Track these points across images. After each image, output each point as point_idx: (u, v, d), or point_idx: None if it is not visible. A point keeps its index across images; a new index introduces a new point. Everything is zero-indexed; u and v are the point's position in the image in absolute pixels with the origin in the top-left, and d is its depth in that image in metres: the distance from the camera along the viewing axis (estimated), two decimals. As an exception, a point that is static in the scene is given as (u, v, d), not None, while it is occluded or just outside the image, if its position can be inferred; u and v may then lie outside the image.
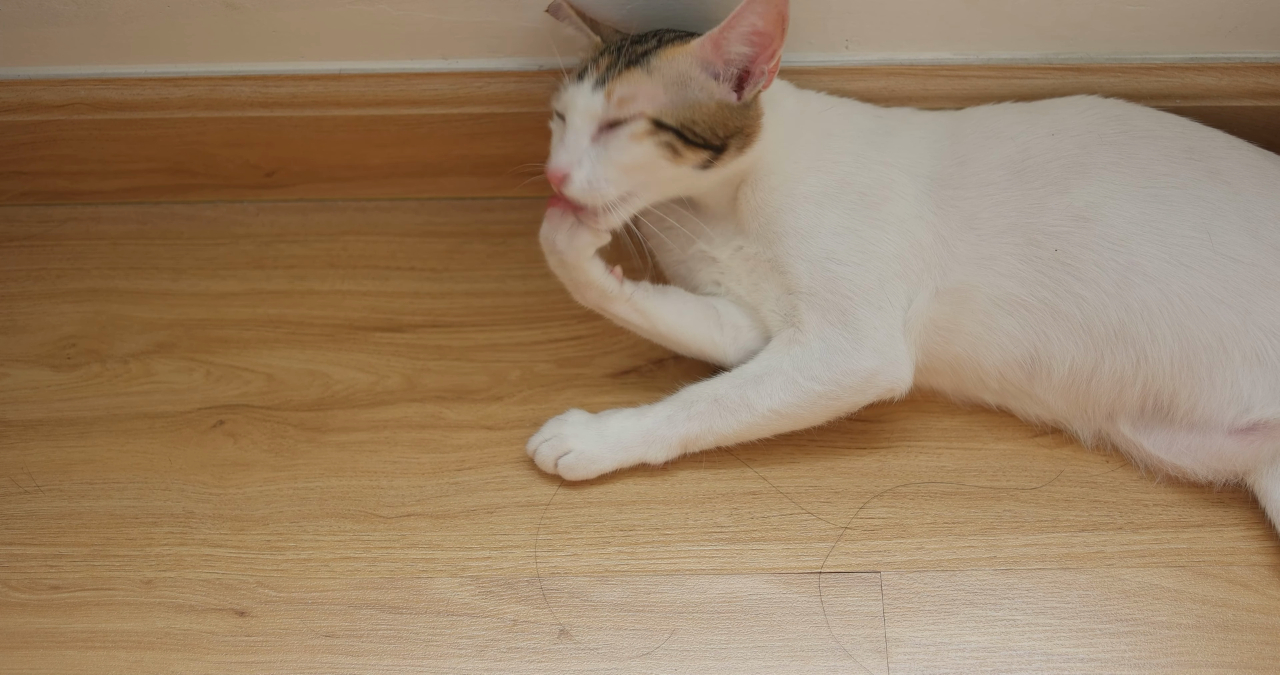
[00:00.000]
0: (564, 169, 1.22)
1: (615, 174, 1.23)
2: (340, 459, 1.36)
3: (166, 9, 1.38)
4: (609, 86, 1.21)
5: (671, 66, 1.23)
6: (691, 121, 1.23)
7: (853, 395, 1.28)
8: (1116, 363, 1.25)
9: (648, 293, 1.33)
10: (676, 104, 1.22)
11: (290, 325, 1.46)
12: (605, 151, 1.22)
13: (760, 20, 1.20)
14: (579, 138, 1.22)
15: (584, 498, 1.32)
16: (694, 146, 1.23)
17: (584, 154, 1.22)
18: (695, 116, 1.23)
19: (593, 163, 1.22)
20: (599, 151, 1.22)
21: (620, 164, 1.22)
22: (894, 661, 1.21)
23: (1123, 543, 1.28)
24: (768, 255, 1.29)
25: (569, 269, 1.29)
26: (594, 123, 1.22)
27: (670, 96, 1.22)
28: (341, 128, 1.48)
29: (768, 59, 1.22)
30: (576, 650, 1.23)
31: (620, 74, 1.22)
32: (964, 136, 1.31)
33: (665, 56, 1.23)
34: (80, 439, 1.38)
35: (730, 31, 1.21)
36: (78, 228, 1.55)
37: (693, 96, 1.23)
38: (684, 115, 1.22)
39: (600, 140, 1.22)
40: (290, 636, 1.24)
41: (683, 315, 1.34)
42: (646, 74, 1.22)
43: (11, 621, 1.26)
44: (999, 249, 1.26)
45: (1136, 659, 1.21)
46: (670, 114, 1.22)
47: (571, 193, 1.23)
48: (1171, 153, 1.28)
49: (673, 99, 1.22)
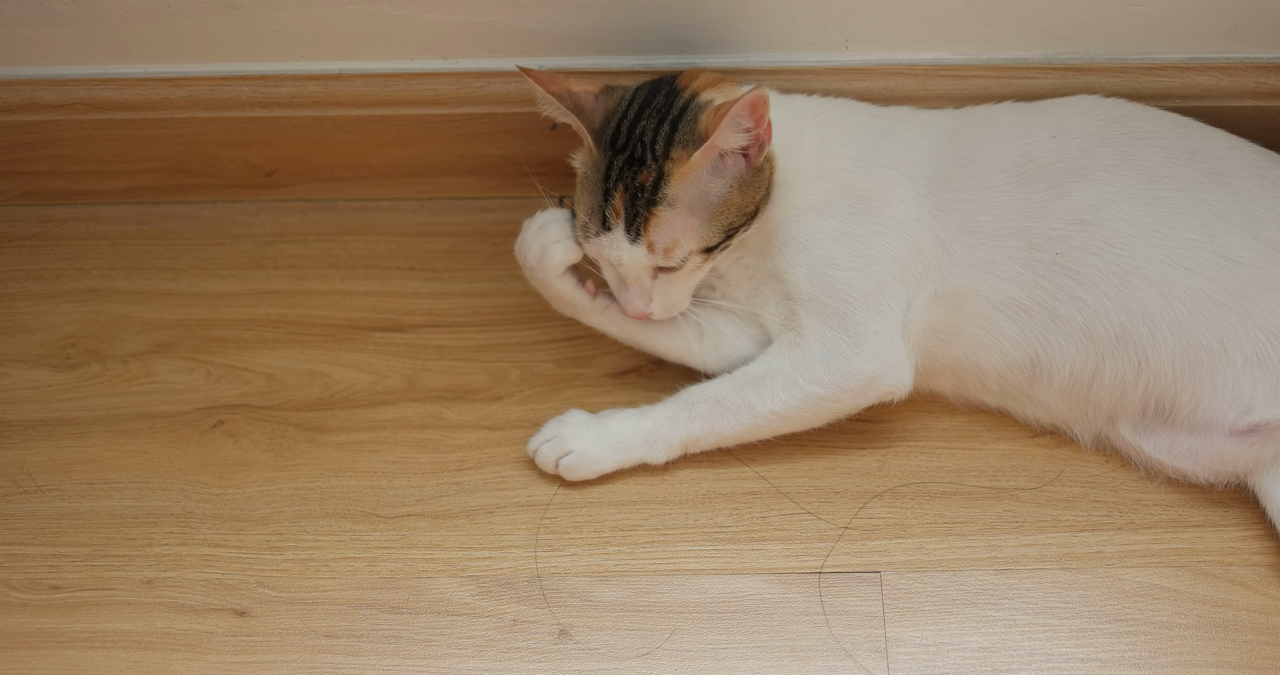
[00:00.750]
0: (643, 312, 1.27)
1: (684, 295, 1.28)
2: (340, 459, 1.36)
3: (166, 9, 1.38)
4: (646, 239, 1.21)
5: (687, 190, 1.21)
6: (729, 224, 1.23)
7: (853, 398, 1.28)
8: (1118, 366, 1.25)
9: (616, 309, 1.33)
10: (709, 219, 1.22)
11: (290, 325, 1.46)
12: (670, 284, 1.26)
13: (746, 120, 1.19)
14: (641, 285, 1.26)
15: (584, 498, 1.32)
16: (738, 233, 1.24)
17: (650, 294, 1.26)
18: (730, 216, 1.23)
19: (663, 294, 1.26)
20: (664, 285, 1.26)
21: (688, 288, 1.28)
22: (894, 661, 1.21)
23: (1123, 543, 1.28)
24: (767, 266, 1.29)
25: (540, 284, 1.31)
26: (648, 271, 1.25)
27: (701, 217, 1.22)
28: (341, 128, 1.48)
29: (765, 131, 1.21)
30: (576, 650, 1.23)
31: (648, 221, 1.21)
32: (964, 138, 1.31)
33: (677, 183, 1.20)
34: (80, 439, 1.38)
35: (724, 133, 1.18)
36: (78, 228, 1.55)
37: (716, 199, 1.22)
38: (721, 223, 1.22)
39: (661, 278, 1.25)
40: (290, 636, 1.24)
41: (659, 329, 1.34)
42: (670, 209, 1.21)
43: (11, 621, 1.26)
44: (999, 252, 1.26)
45: (1136, 659, 1.21)
46: (712, 235, 1.22)
47: (656, 317, 1.29)
48: (1173, 154, 1.28)
49: (704, 218, 1.22)
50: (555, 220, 1.29)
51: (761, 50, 1.41)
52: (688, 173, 1.20)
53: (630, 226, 1.21)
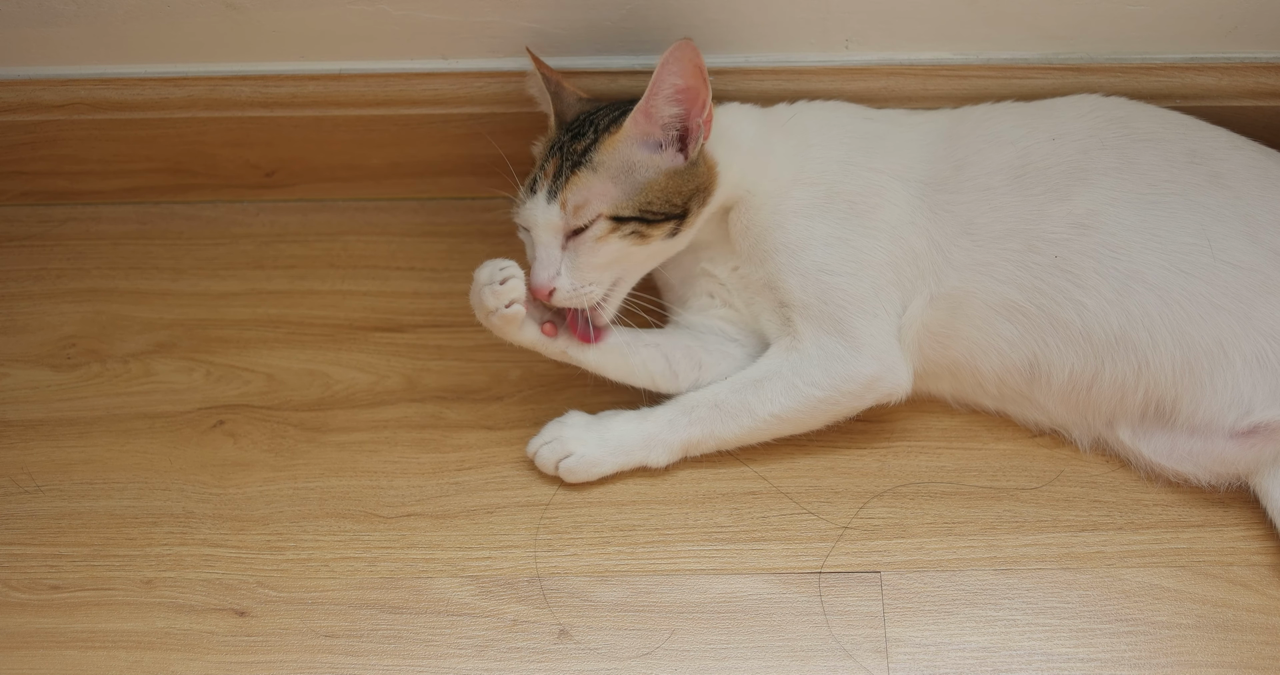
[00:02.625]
0: (547, 285, 1.25)
1: (594, 275, 1.25)
2: (340, 459, 1.36)
3: (166, 9, 1.38)
4: (562, 196, 1.23)
5: (614, 157, 1.24)
6: (648, 203, 1.24)
7: (852, 401, 1.28)
8: (1117, 369, 1.25)
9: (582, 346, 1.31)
10: (629, 192, 1.24)
11: (290, 325, 1.46)
12: (577, 257, 1.25)
13: (679, 78, 1.21)
14: (550, 251, 1.25)
15: (584, 498, 1.32)
16: (657, 224, 1.25)
17: (559, 265, 1.25)
18: (650, 197, 1.24)
19: (570, 270, 1.25)
20: (572, 258, 1.25)
21: (595, 265, 1.25)
22: (894, 661, 1.21)
23: (1123, 543, 1.28)
24: (760, 274, 1.29)
25: (500, 330, 1.29)
26: (559, 234, 1.25)
27: (621, 187, 1.24)
28: (341, 128, 1.48)
29: (700, 111, 1.23)
30: (576, 650, 1.23)
31: (568, 181, 1.23)
32: (961, 139, 1.31)
33: (605, 149, 1.24)
34: (80, 439, 1.38)
35: (655, 98, 1.22)
36: (78, 228, 1.55)
37: (642, 178, 1.24)
38: (639, 200, 1.24)
39: (570, 247, 1.25)
40: (290, 636, 1.24)
41: (619, 367, 1.33)
42: (593, 173, 1.24)
43: (11, 621, 1.26)
44: (997, 255, 1.26)
45: (1136, 659, 1.21)
46: (626, 206, 1.24)
47: (560, 303, 1.26)
48: (1173, 156, 1.28)
49: (624, 189, 1.24)
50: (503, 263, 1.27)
51: (761, 50, 1.41)
52: (618, 139, 1.24)
53: (553, 186, 1.24)
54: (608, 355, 1.32)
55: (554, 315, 1.30)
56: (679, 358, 1.33)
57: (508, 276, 1.25)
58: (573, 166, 1.24)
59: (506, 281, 1.25)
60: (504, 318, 1.26)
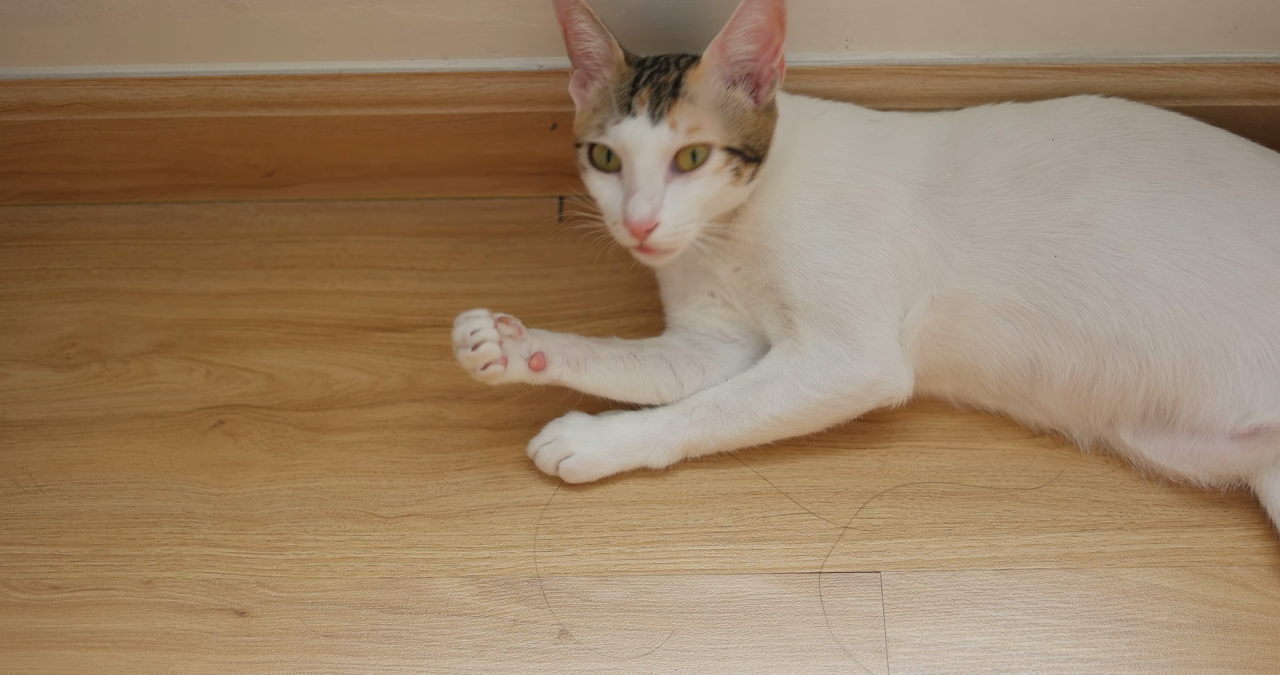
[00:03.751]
0: (649, 220, 1.18)
1: (695, 212, 1.21)
2: (340, 459, 1.36)
3: (166, 9, 1.38)
4: (669, 117, 1.19)
5: (703, 89, 1.21)
6: (746, 137, 1.21)
7: (853, 403, 1.28)
8: (1118, 369, 1.25)
9: (574, 369, 1.30)
10: (728, 124, 1.21)
11: (290, 325, 1.46)
12: (685, 189, 1.20)
13: (761, 16, 1.19)
14: (653, 181, 1.18)
15: (584, 498, 1.32)
16: (749, 164, 1.22)
17: (663, 197, 1.19)
18: (747, 131, 1.22)
19: (673, 203, 1.19)
20: (676, 191, 1.19)
21: (699, 201, 1.20)
22: (894, 661, 1.21)
23: (1123, 543, 1.28)
24: (762, 274, 1.29)
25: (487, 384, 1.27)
26: (664, 160, 1.19)
27: (720, 119, 1.21)
28: (341, 128, 1.48)
29: (772, 56, 1.22)
30: (576, 650, 1.23)
31: (671, 105, 1.19)
32: (961, 141, 1.31)
33: (693, 82, 1.21)
34: (80, 439, 1.38)
35: (733, 32, 1.20)
36: (78, 228, 1.55)
37: (733, 113, 1.22)
38: (739, 133, 1.21)
39: (675, 182, 1.20)
40: (290, 636, 1.24)
41: (620, 384, 1.32)
42: (691, 102, 1.20)
43: (11, 621, 1.26)
44: (997, 256, 1.26)
45: (1136, 659, 1.21)
46: (732, 137, 1.21)
47: (658, 241, 1.20)
48: (1172, 156, 1.28)
49: (723, 121, 1.21)
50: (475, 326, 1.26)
51: (761, 50, 1.41)
52: (702, 72, 1.20)
53: (654, 110, 1.19)
54: (608, 373, 1.31)
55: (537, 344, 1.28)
56: (683, 365, 1.33)
57: (479, 341, 1.24)
58: (670, 94, 1.20)
59: (479, 347, 1.24)
60: (483, 376, 1.25)
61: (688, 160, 1.20)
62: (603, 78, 1.25)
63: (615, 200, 1.21)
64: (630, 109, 1.20)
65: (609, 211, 1.22)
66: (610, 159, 1.22)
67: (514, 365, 1.27)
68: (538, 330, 1.30)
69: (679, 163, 1.20)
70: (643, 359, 1.32)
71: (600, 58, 1.25)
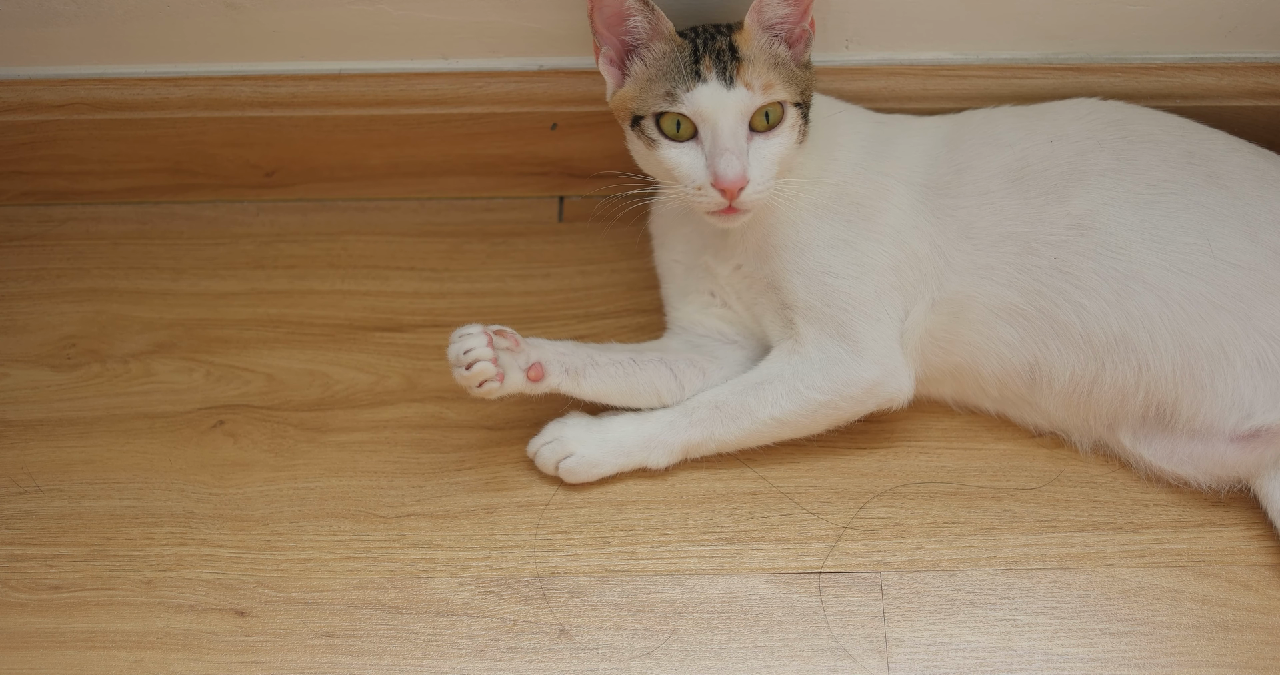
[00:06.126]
0: (739, 179, 1.19)
1: (775, 169, 1.22)
2: (340, 459, 1.36)
3: (166, 9, 1.38)
4: (742, 79, 1.19)
5: (754, 49, 1.21)
6: (802, 93, 1.23)
7: (853, 405, 1.28)
8: (1118, 371, 1.25)
9: (573, 377, 1.30)
10: (788, 82, 1.22)
11: (290, 325, 1.46)
12: (766, 146, 1.21)
13: None
14: (738, 141, 1.19)
15: (584, 498, 1.32)
16: (808, 122, 1.24)
17: (748, 156, 1.20)
18: (802, 88, 1.23)
19: (758, 162, 1.21)
20: (758, 148, 1.21)
21: (779, 157, 1.22)
22: (894, 661, 1.21)
23: (1123, 543, 1.28)
24: (764, 272, 1.29)
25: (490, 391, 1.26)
26: (744, 120, 1.20)
27: (780, 76, 1.21)
28: (341, 128, 1.47)
29: (802, 16, 1.23)
30: (576, 650, 1.23)
31: (739, 67, 1.19)
32: (961, 143, 1.31)
33: (744, 44, 1.21)
34: (80, 439, 1.38)
35: None
36: (78, 228, 1.55)
37: (788, 71, 1.22)
38: (798, 89, 1.22)
39: (756, 140, 1.21)
40: (290, 636, 1.24)
41: (621, 390, 1.32)
42: (751, 63, 1.20)
43: (11, 621, 1.26)
44: (997, 258, 1.26)
45: (1136, 659, 1.21)
46: (796, 94, 1.22)
47: (748, 199, 1.20)
48: (1171, 158, 1.28)
49: (783, 78, 1.21)
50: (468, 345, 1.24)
51: (761, 50, 1.41)
52: (748, 34, 1.21)
53: (724, 74, 1.19)
54: (607, 380, 1.31)
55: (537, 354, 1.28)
56: (683, 368, 1.33)
57: (472, 360, 1.23)
58: (732, 58, 1.20)
59: (472, 366, 1.23)
60: (479, 393, 1.25)
61: (761, 121, 1.21)
62: (653, 50, 1.24)
63: (696, 165, 1.21)
64: (700, 75, 1.20)
65: (689, 178, 1.22)
66: (680, 128, 1.22)
67: (511, 378, 1.26)
68: (535, 339, 1.30)
69: (753, 124, 1.21)
70: (642, 363, 1.32)
71: (645, 32, 1.24)
